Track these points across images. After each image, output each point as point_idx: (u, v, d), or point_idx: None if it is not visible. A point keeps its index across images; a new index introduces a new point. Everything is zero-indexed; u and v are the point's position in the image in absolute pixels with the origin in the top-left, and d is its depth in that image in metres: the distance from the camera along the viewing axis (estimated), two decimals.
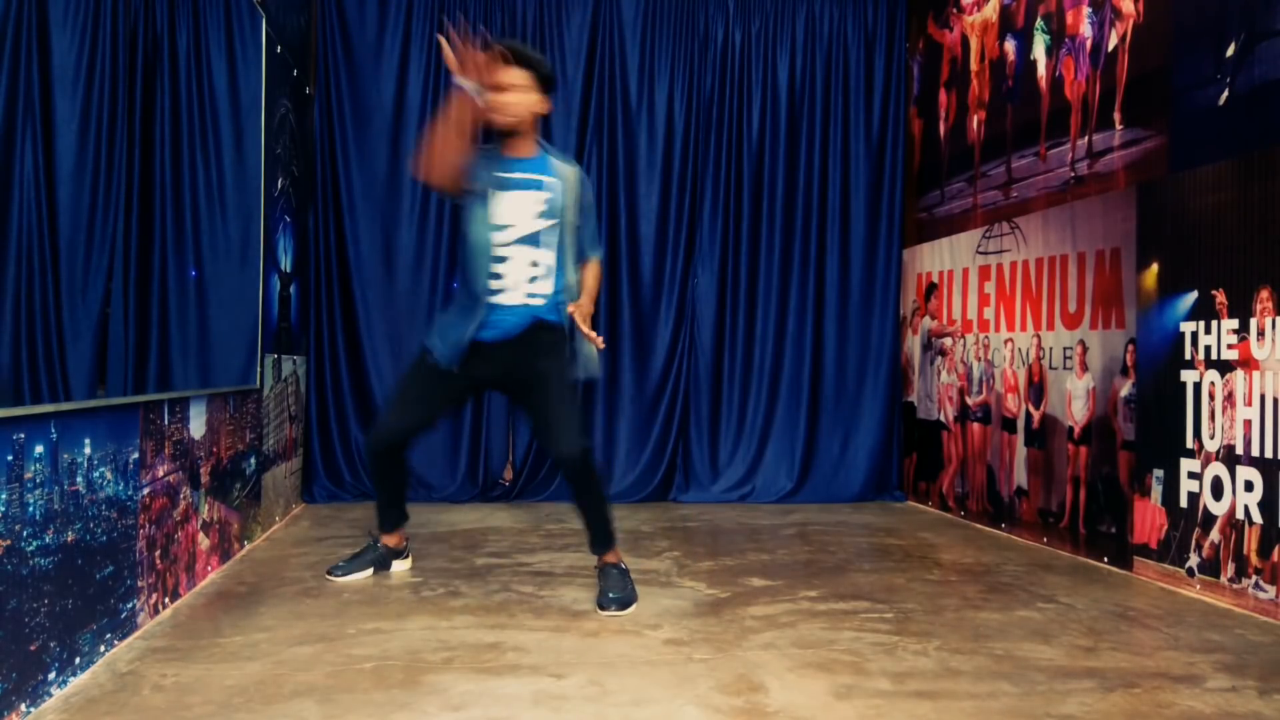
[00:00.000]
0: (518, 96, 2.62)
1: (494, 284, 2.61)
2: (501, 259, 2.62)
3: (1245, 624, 2.46)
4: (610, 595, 2.57)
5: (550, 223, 2.64)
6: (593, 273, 2.81)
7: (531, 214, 2.63)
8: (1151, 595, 2.77)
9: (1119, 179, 3.17)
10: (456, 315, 2.68)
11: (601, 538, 2.74)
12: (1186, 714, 1.82)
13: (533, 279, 2.64)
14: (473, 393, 3.03)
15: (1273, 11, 2.56)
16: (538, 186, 2.64)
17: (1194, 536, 2.77)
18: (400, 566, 2.98)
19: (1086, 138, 3.34)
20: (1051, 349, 3.50)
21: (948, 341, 4.29)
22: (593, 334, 2.62)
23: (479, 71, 2.48)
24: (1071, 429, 3.37)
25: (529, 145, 2.68)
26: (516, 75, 2.62)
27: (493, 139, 2.70)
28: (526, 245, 2.63)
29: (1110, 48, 3.23)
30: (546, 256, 2.65)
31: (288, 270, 3.84)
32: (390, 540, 2.95)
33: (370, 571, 2.88)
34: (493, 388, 2.88)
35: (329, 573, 2.84)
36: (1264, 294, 2.54)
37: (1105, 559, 3.16)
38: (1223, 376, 2.68)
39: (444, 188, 2.61)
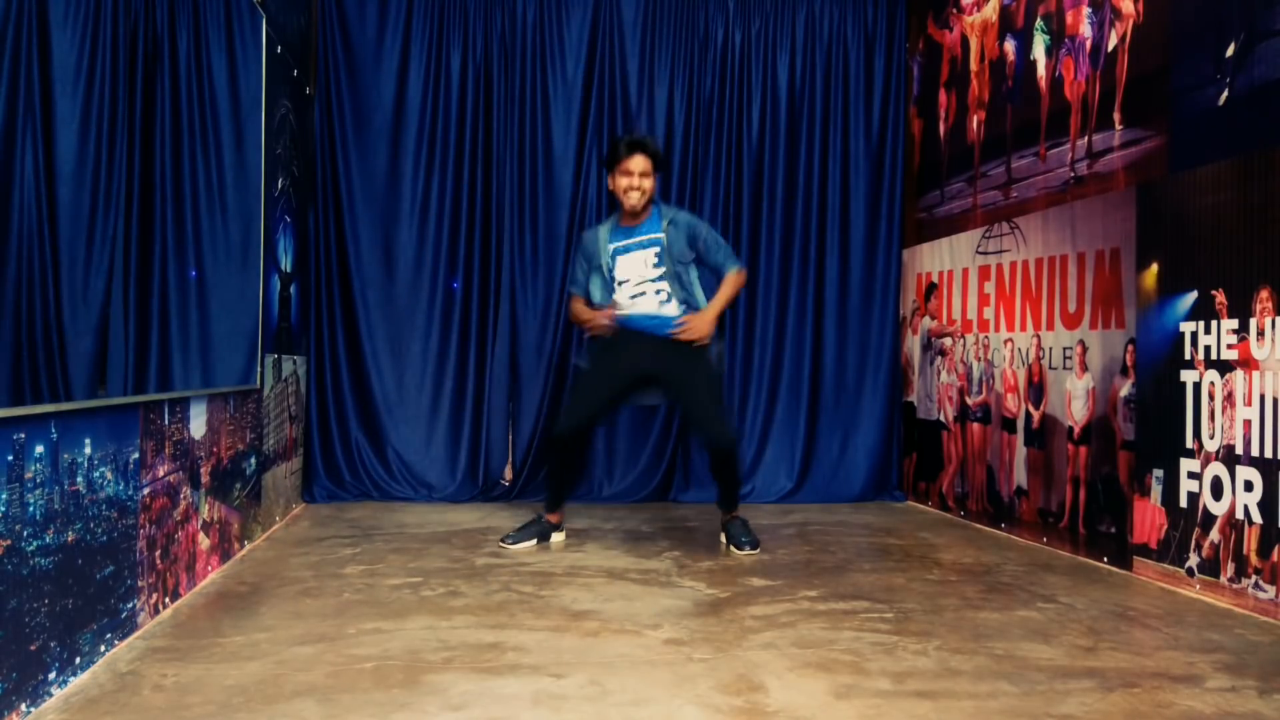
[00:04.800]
0: (643, 183, 3.30)
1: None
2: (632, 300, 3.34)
3: (1245, 624, 2.46)
4: (742, 539, 3.31)
5: (662, 270, 3.31)
6: (727, 283, 3.38)
7: (646, 265, 3.33)
8: (1151, 595, 2.77)
9: (1119, 179, 3.17)
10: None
11: (728, 502, 3.44)
12: (1186, 714, 1.82)
13: (660, 305, 3.32)
14: (635, 386, 3.43)
15: (1273, 11, 2.56)
16: (650, 245, 3.33)
17: (1194, 536, 2.77)
18: (558, 538, 3.45)
19: (1086, 138, 3.35)
20: (1051, 349, 3.50)
21: (947, 341, 4.29)
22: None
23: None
24: (1071, 429, 3.37)
25: (645, 213, 3.36)
26: (640, 163, 3.29)
27: (615, 211, 3.44)
28: (646, 289, 3.33)
29: (1110, 48, 3.23)
30: (664, 288, 3.32)
31: (288, 270, 3.84)
32: (553, 517, 3.45)
33: (535, 541, 3.35)
34: (650, 383, 3.39)
35: (501, 541, 3.33)
36: (1264, 294, 2.54)
37: (1105, 559, 3.16)
38: (1222, 376, 2.68)
39: None
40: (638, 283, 3.33)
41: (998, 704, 1.86)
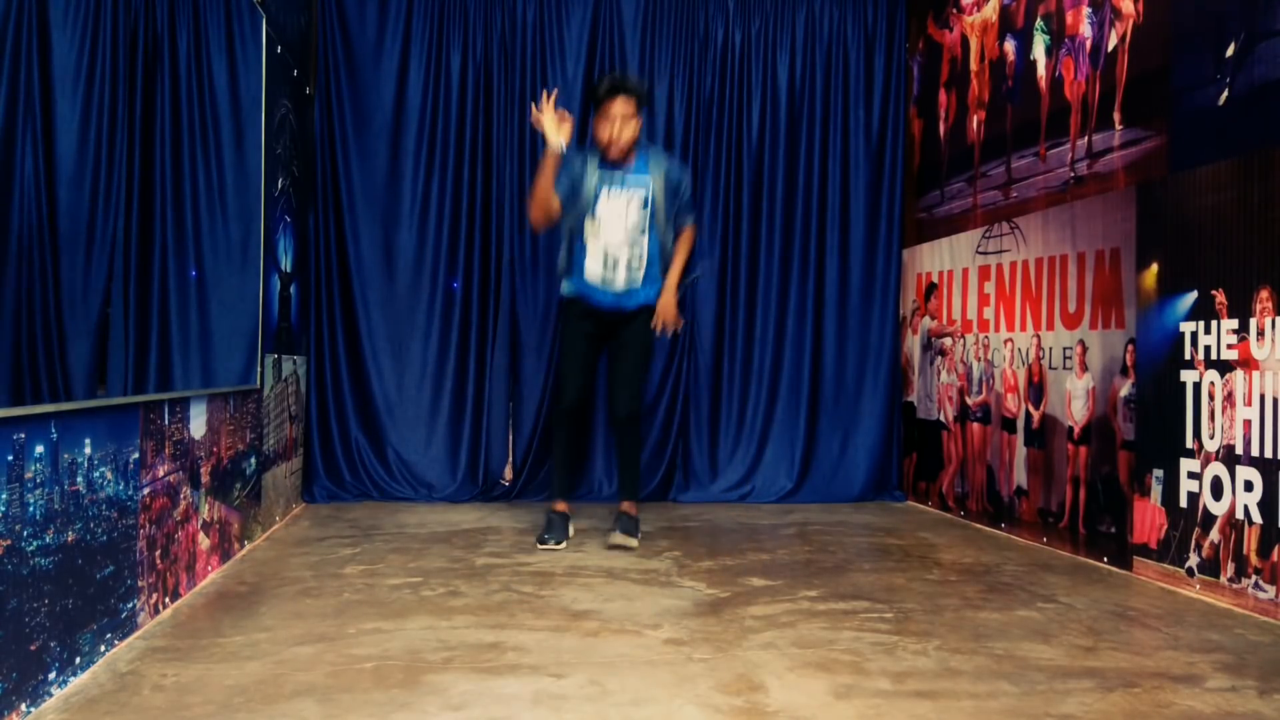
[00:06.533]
0: (624, 130, 3.18)
1: (608, 275, 3.27)
2: (614, 256, 3.26)
3: (1245, 624, 2.46)
4: (619, 530, 3.29)
5: (648, 215, 3.25)
6: (683, 243, 3.36)
7: (632, 211, 3.24)
8: (1151, 595, 2.77)
9: (1119, 179, 3.17)
10: (581, 278, 3.31)
11: (625, 487, 3.45)
12: (1186, 714, 1.83)
13: (635, 268, 3.27)
14: (601, 347, 3.47)
15: (1273, 11, 2.56)
16: (638, 187, 3.26)
17: (1194, 536, 2.77)
18: (571, 530, 3.41)
19: (1086, 138, 3.35)
20: (1051, 349, 3.50)
21: (947, 341, 4.29)
22: (667, 322, 3.30)
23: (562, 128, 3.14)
24: (1071, 429, 3.37)
25: (631, 157, 3.27)
26: (621, 106, 3.17)
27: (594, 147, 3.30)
28: (629, 242, 3.25)
29: (1110, 48, 3.23)
30: (643, 243, 3.27)
31: (288, 270, 3.84)
32: (561, 506, 3.41)
33: (569, 537, 3.37)
34: (603, 343, 3.45)
35: (539, 543, 3.26)
36: (1264, 294, 2.54)
37: (1105, 559, 3.16)
38: (1222, 376, 2.68)
39: (549, 226, 3.36)
40: (619, 239, 3.25)
41: (998, 704, 1.86)
